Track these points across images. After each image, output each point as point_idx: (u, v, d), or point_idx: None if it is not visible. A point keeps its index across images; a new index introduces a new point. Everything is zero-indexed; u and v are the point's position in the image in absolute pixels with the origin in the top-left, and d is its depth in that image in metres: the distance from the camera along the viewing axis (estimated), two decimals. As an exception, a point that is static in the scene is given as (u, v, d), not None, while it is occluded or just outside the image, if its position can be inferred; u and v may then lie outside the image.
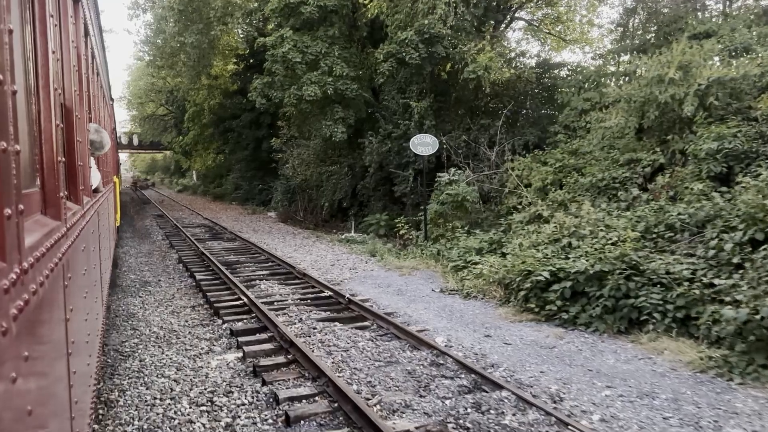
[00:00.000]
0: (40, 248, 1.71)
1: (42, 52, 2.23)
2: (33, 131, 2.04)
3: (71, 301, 2.54)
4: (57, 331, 2.05)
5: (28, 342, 1.42)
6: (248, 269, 13.48)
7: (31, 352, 1.45)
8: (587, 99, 15.49)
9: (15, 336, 1.25)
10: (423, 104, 16.81)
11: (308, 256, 15.38)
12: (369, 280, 12.00)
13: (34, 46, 2.14)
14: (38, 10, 2.20)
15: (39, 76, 2.17)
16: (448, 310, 9.16)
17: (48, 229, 1.99)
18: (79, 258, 3.21)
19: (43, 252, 1.76)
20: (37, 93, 2.12)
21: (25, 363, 1.37)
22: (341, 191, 22.14)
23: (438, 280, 11.50)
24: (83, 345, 3.08)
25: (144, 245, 18.81)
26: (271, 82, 18.48)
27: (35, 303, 1.54)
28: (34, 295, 1.51)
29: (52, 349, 1.92)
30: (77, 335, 2.74)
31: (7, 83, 1.33)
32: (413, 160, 17.48)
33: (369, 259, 14.44)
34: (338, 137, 17.69)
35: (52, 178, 2.27)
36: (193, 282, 12.58)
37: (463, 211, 13.95)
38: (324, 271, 13.07)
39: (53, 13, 2.55)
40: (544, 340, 7.35)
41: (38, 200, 2.13)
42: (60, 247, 2.21)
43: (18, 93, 1.50)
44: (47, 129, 2.21)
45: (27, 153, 1.87)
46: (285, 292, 10.85)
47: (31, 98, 2.02)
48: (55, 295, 2.06)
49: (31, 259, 1.52)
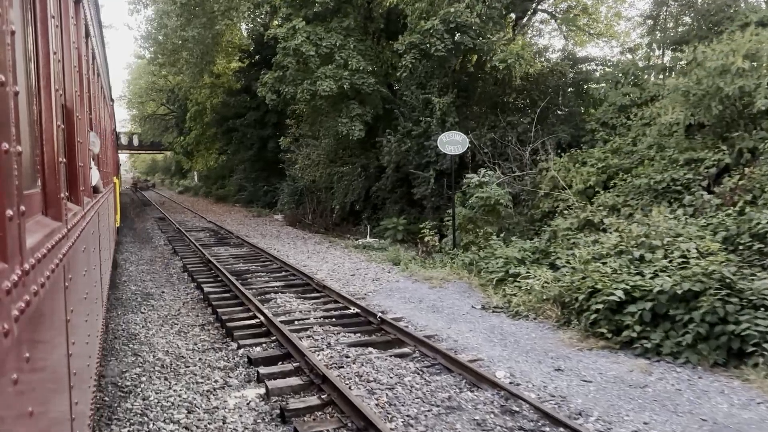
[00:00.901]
0: (41, 249, 1.72)
1: (43, 53, 2.24)
2: (34, 132, 2.06)
3: (72, 302, 2.52)
4: (57, 332, 2.06)
5: (29, 343, 1.42)
6: (260, 280, 12.25)
7: (32, 354, 1.46)
8: (626, 94, 14.26)
9: (16, 337, 1.25)
10: (446, 100, 15.58)
11: (324, 264, 14.14)
12: (396, 293, 10.76)
13: (35, 47, 2.14)
14: (40, 11, 2.19)
15: (40, 77, 2.18)
16: (498, 332, 7.92)
17: (49, 230, 2.00)
18: (80, 259, 3.19)
19: (44, 253, 1.76)
20: (38, 94, 2.14)
21: (27, 364, 1.37)
22: (353, 193, 20.90)
23: (476, 294, 10.26)
24: (83, 346, 3.08)
25: (145, 251, 17.58)
26: (282, 76, 17.22)
27: (36, 304, 1.54)
28: (35, 296, 1.52)
29: (53, 351, 1.92)
30: (78, 336, 2.73)
31: (9, 84, 1.34)
32: (434, 159, 16.26)
33: (392, 268, 13.20)
34: (356, 135, 16.45)
35: (53, 179, 2.27)
36: (200, 294, 11.36)
37: (495, 215, 12.73)
38: (345, 282, 11.83)
39: (54, 14, 2.53)
40: (629, 376, 6.11)
41: (39, 201, 2.13)
42: (61, 248, 2.20)
43: (20, 94, 1.49)
44: (48, 130, 2.23)
45: (28, 154, 1.89)
46: (305, 309, 9.61)
47: (33, 99, 2.04)
48: (56, 296, 2.07)
49: (32, 261, 1.53)
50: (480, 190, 12.76)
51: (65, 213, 2.48)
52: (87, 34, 5.04)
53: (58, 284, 2.11)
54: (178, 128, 49.70)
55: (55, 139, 2.35)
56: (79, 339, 2.78)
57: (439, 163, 16.11)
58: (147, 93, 56.70)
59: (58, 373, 2.01)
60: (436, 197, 16.83)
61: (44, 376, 1.71)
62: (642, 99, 14.17)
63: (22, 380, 1.27)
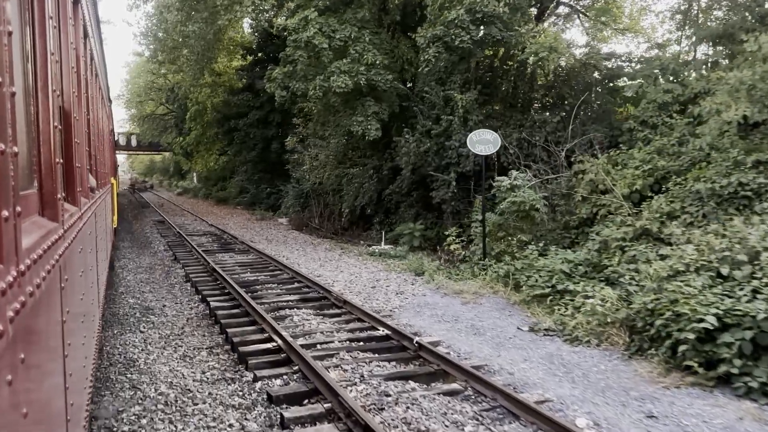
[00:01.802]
0: (37, 250, 1.70)
1: (41, 54, 2.24)
2: (31, 133, 2.06)
3: (68, 303, 2.51)
4: (53, 334, 2.05)
5: (24, 344, 1.41)
6: (272, 292, 11.09)
7: (28, 355, 1.44)
8: (667, 90, 13.14)
9: (11, 338, 1.24)
10: (469, 96, 14.44)
11: (340, 274, 12.99)
12: (426, 309, 9.62)
13: (33, 47, 2.15)
14: (38, 12, 2.18)
15: (38, 77, 2.19)
16: (559, 363, 6.77)
17: (45, 230, 1.98)
18: (76, 260, 3.16)
19: (41, 254, 1.74)
20: (35, 95, 2.15)
21: (22, 365, 1.37)
22: (365, 196, 19.73)
23: (517, 312, 9.13)
24: (79, 347, 3.04)
25: (144, 257, 16.42)
26: (292, 71, 16.05)
27: (32, 305, 1.53)
28: (30, 297, 1.51)
29: (49, 352, 1.92)
30: (73, 337, 2.73)
31: (6, 85, 1.33)
32: (455, 161, 15.13)
33: (415, 279, 12.06)
34: (372, 135, 15.29)
35: (50, 180, 2.28)
36: (205, 309, 10.21)
37: (529, 222, 11.59)
38: (366, 296, 10.69)
39: (52, 14, 2.54)
40: (741, 426, 4.97)
41: (36, 202, 2.13)
42: (57, 248, 2.20)
43: (17, 95, 1.49)
44: (45, 131, 2.24)
45: (25, 154, 1.88)
46: (327, 329, 8.46)
47: (30, 100, 2.05)
48: (52, 297, 2.06)
49: (28, 261, 1.51)
50: (512, 194, 11.62)
51: (62, 214, 2.45)
52: (85, 34, 4.99)
53: (54, 285, 2.11)
54: (178, 128, 48.51)
55: (52, 140, 2.34)
56: (75, 340, 2.78)
57: (461, 164, 14.97)
58: (146, 92, 55.53)
59: (53, 374, 2.01)
60: (457, 201, 15.69)
61: (39, 377, 1.71)
62: (685, 96, 13.06)
63: (16, 381, 1.27)
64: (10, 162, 1.32)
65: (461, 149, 14.80)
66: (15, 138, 1.40)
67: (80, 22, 4.43)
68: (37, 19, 2.18)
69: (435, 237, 16.84)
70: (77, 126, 3.83)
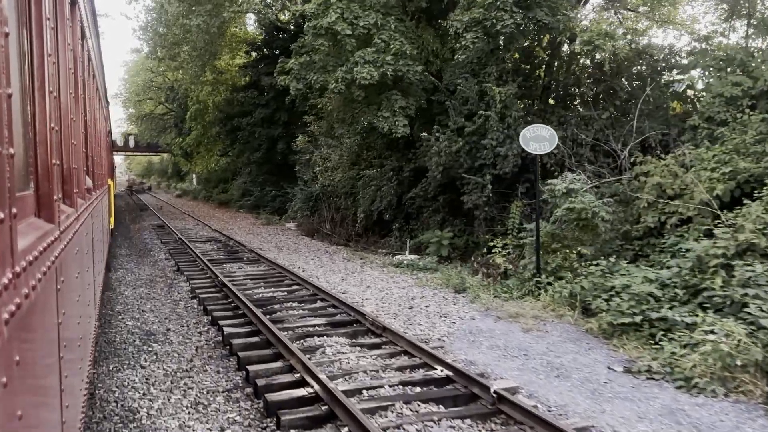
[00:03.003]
0: (33, 252, 1.68)
1: (38, 55, 2.22)
2: (28, 134, 2.04)
3: (64, 305, 2.50)
4: (49, 335, 2.04)
5: (19, 346, 1.40)
6: (293, 314, 9.52)
7: (23, 356, 1.44)
8: (737, 83, 11.63)
9: (6, 340, 1.24)
10: (508, 90, 12.90)
11: (367, 290, 11.42)
12: (482, 338, 8.05)
13: (30, 48, 2.13)
14: (35, 13, 2.14)
15: (35, 78, 2.18)
16: (688, 423, 5.21)
17: (41, 232, 1.98)
18: (73, 261, 3.17)
19: (36, 255, 1.72)
20: (32, 96, 2.14)
21: (17, 367, 1.36)
22: (382, 200, 18.15)
23: (597, 344, 7.57)
24: (75, 349, 3.05)
25: (143, 267, 14.84)
26: (309, 62, 14.45)
27: (27, 307, 1.52)
28: (26, 298, 1.49)
29: (44, 353, 1.92)
30: (69, 339, 2.71)
31: (2, 86, 1.33)
32: (490, 161, 13.58)
33: (456, 298, 10.50)
34: (399, 132, 13.70)
35: (47, 181, 2.28)
36: (217, 334, 8.66)
37: (591, 233, 10.04)
38: (405, 319, 9.12)
39: (50, 15, 2.52)
40: None
41: (32, 203, 2.12)
42: (53, 250, 2.18)
43: (13, 96, 1.49)
44: (42, 132, 2.24)
45: (21, 156, 1.86)
46: (370, 366, 6.89)
47: (27, 101, 2.04)
48: (48, 299, 2.05)
49: (23, 263, 1.50)
50: (568, 199, 10.07)
51: (58, 215, 2.44)
52: (83, 35, 5.00)
53: (50, 287, 2.10)
54: (177, 128, 46.93)
55: (49, 141, 2.34)
56: (71, 341, 2.76)
57: (498, 165, 13.42)
58: (144, 91, 53.90)
59: (48, 375, 1.99)
60: (491, 207, 14.14)
61: (35, 379, 1.69)
62: (756, 89, 11.54)
63: (11, 383, 1.27)
64: (7, 163, 1.34)
65: (498, 148, 13.27)
66: (11, 139, 1.42)
67: (77, 23, 4.37)
68: (34, 20, 2.14)
69: (464, 246, 15.30)
70: (74, 127, 3.81)
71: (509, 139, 13.29)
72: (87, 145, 5.73)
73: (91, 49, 6.32)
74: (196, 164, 46.56)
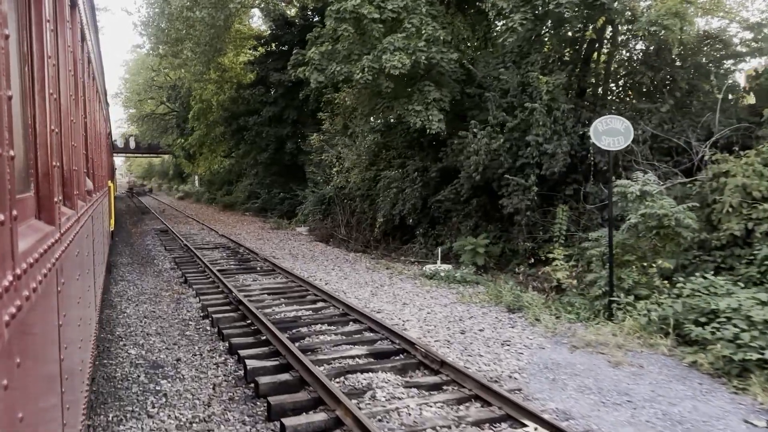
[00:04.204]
0: (33, 254, 1.69)
1: (38, 57, 2.22)
2: (28, 136, 2.04)
3: (64, 307, 2.50)
4: (50, 337, 2.04)
5: (20, 348, 1.40)
6: (324, 340, 8.08)
7: (24, 359, 1.44)
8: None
9: (7, 342, 1.24)
10: (556, 79, 11.44)
11: (405, 308, 9.96)
12: (564, 376, 6.59)
13: (30, 50, 2.13)
14: (35, 15, 2.13)
15: (35, 80, 2.17)
16: None
17: (42, 234, 1.97)
18: (73, 263, 3.16)
19: (37, 257, 1.73)
20: (32, 98, 2.13)
21: (18, 369, 1.35)
22: (405, 203, 16.69)
23: (714, 386, 6.10)
24: (76, 350, 3.04)
25: (146, 279, 13.38)
26: (332, 51, 12.94)
27: (28, 309, 1.52)
28: (27, 300, 1.49)
29: (45, 355, 1.91)
30: (70, 341, 2.71)
31: (3, 88, 1.32)
32: (535, 161, 12.12)
33: (511, 318, 9.03)
34: (434, 128, 12.20)
35: (47, 183, 2.27)
36: (237, 366, 7.23)
37: (674, 243, 8.57)
38: (462, 349, 7.65)
39: (50, 18, 2.52)
40: None
41: (33, 205, 2.11)
42: (54, 252, 2.19)
43: (13, 98, 1.49)
44: (42, 134, 2.23)
45: (22, 158, 1.87)
46: (439, 421, 5.41)
47: (27, 103, 2.04)
48: (49, 301, 2.05)
49: (24, 265, 1.50)
50: (645, 203, 8.61)
51: (59, 217, 2.45)
52: (83, 38, 4.98)
53: (51, 289, 2.09)
54: (179, 128, 45.47)
55: (49, 143, 2.33)
56: (71, 343, 2.76)
57: (544, 165, 11.97)
58: (145, 90, 52.46)
59: (49, 377, 2.00)
60: (532, 211, 12.68)
61: (35, 381, 1.69)
62: None
63: (12, 385, 1.27)
64: (7, 165, 1.33)
65: (545, 146, 11.82)
66: (12, 141, 1.41)
67: (77, 25, 4.34)
68: (34, 22, 2.13)
69: (499, 254, 13.84)
70: (74, 129, 3.82)
71: (557, 135, 11.85)
72: (87, 146, 5.67)
73: (91, 51, 6.31)
74: (199, 165, 45.12)
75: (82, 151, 4.84)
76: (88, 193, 5.11)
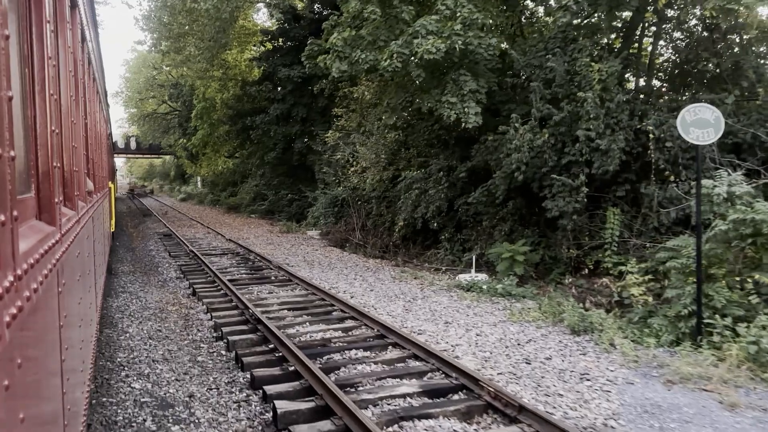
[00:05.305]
0: (34, 254, 1.68)
1: (38, 58, 2.20)
2: (28, 137, 2.02)
3: (65, 307, 2.48)
4: (51, 338, 2.02)
5: (21, 349, 1.39)
6: (365, 371, 6.79)
7: (25, 359, 1.42)
8: None
9: (8, 342, 1.23)
10: (611, 66, 10.17)
11: (448, 328, 8.67)
12: (673, 424, 5.28)
13: (30, 51, 2.11)
14: (35, 16, 2.12)
15: (35, 81, 2.15)
16: None
17: (43, 234, 1.96)
18: (74, 263, 3.15)
19: (38, 258, 1.72)
20: (32, 98, 2.12)
21: (19, 370, 1.34)
22: (428, 206, 15.39)
23: None
24: (77, 351, 3.01)
25: (150, 291, 12.10)
26: (355, 36, 11.61)
27: (29, 309, 1.50)
28: (27, 301, 1.48)
29: (46, 356, 1.90)
30: (71, 341, 2.68)
31: (3, 89, 1.32)
32: (584, 158, 10.84)
33: (578, 342, 7.74)
34: (471, 122, 10.92)
35: (47, 184, 2.25)
36: (262, 407, 5.97)
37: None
38: (533, 385, 6.35)
39: (50, 18, 2.50)
40: None
41: (33, 206, 2.10)
42: (54, 253, 2.17)
43: (14, 99, 1.48)
44: (43, 134, 2.21)
45: (22, 159, 1.85)
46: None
47: (27, 104, 2.02)
48: (49, 302, 2.03)
49: (25, 266, 1.49)
50: (737, 208, 7.32)
51: (59, 218, 2.43)
52: (83, 38, 5.00)
53: (52, 289, 2.08)
54: (182, 128, 44.19)
55: (50, 144, 2.31)
56: (72, 344, 2.73)
57: (596, 163, 10.69)
58: (146, 89, 51.19)
59: (50, 378, 1.98)
60: (579, 215, 11.39)
61: (36, 381, 1.67)
62: None
63: (13, 386, 1.26)
64: (8, 166, 1.32)
65: (597, 141, 10.54)
66: (12, 142, 1.40)
67: (77, 26, 4.32)
68: (34, 22, 2.11)
69: (538, 263, 12.55)
70: (75, 130, 3.81)
71: (610, 129, 10.57)
72: (87, 147, 5.65)
73: (92, 52, 6.30)
74: (202, 166, 43.83)
75: (83, 152, 4.79)
76: (88, 194, 5.10)
